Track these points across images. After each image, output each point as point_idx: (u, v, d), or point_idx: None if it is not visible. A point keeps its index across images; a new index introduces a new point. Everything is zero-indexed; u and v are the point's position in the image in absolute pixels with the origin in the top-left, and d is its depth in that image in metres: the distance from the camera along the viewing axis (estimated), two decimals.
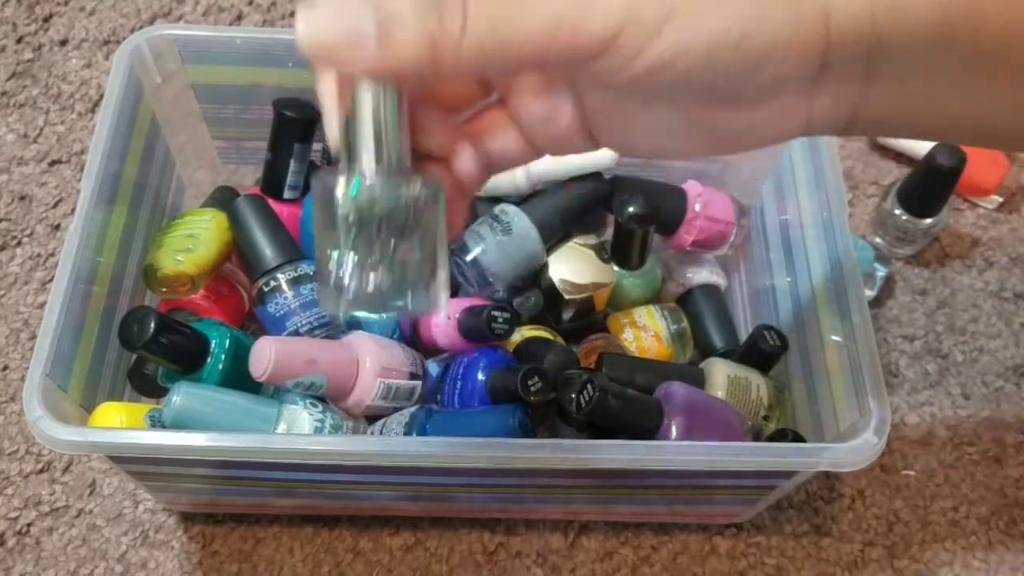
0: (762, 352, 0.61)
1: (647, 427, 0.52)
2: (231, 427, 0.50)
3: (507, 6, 0.30)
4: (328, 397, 0.55)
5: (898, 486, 0.66)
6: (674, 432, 0.53)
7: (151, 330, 0.51)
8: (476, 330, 0.56)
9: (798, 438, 0.57)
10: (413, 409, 0.56)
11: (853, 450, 0.49)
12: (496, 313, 0.55)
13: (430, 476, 0.55)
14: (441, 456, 0.49)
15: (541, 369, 0.53)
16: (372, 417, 0.57)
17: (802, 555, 0.63)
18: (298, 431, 0.51)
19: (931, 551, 0.64)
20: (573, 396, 0.51)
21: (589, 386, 0.51)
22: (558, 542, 0.63)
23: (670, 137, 0.35)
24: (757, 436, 0.56)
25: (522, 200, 0.63)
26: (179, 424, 0.49)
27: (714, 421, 0.55)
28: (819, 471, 0.54)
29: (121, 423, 0.51)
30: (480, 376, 0.55)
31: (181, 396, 0.49)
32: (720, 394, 0.58)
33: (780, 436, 0.57)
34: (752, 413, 0.59)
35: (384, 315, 0.33)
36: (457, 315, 0.57)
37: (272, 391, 0.56)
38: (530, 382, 0.52)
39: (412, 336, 0.61)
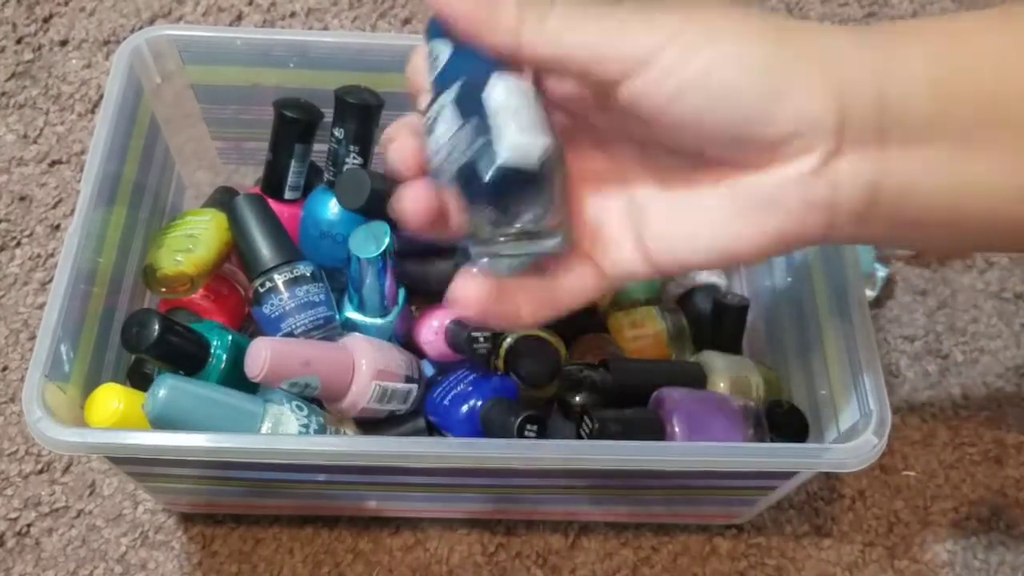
0: (728, 309, 0.63)
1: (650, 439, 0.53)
2: (214, 424, 0.50)
3: (575, 14, 0.35)
4: (323, 399, 0.55)
5: (898, 486, 0.66)
6: (678, 439, 0.53)
7: (154, 334, 0.51)
8: (458, 346, 0.57)
9: (795, 410, 0.57)
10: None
11: (853, 451, 0.49)
12: (477, 334, 0.56)
13: (430, 476, 0.55)
14: (441, 456, 0.49)
15: (540, 417, 0.52)
16: (365, 421, 0.57)
17: (802, 556, 0.63)
18: (284, 432, 0.51)
19: (932, 552, 0.64)
20: (573, 425, 0.54)
21: (587, 418, 0.52)
22: (558, 543, 0.63)
23: (710, 222, 0.38)
24: (758, 419, 0.56)
25: None
26: (163, 417, 0.49)
27: (714, 420, 0.55)
28: (819, 472, 0.54)
29: (117, 409, 0.51)
30: (465, 409, 0.56)
31: (166, 389, 0.49)
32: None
33: (775, 408, 0.57)
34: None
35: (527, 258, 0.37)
36: (446, 324, 0.58)
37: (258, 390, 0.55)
38: (527, 430, 0.52)
39: (405, 341, 0.61)
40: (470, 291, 0.37)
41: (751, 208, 0.37)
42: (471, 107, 0.35)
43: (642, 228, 0.39)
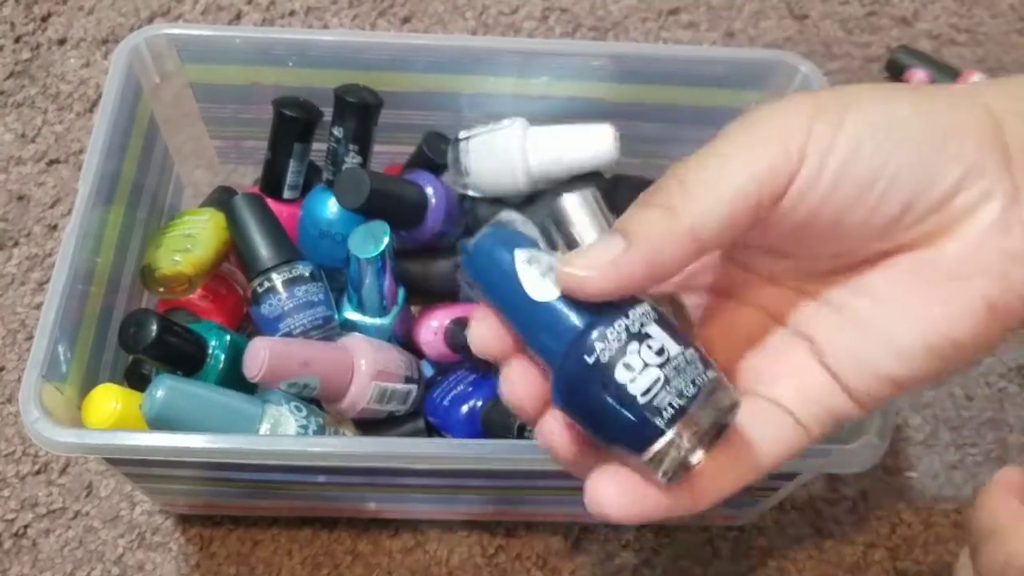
0: None
1: None
2: (213, 424, 0.49)
3: (706, 163, 0.30)
4: (322, 399, 0.54)
5: (901, 488, 0.66)
6: None
7: (152, 335, 0.51)
8: (458, 347, 0.57)
9: None
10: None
11: (856, 452, 0.49)
12: None
13: (429, 478, 0.55)
14: (440, 457, 0.48)
15: None
16: (364, 422, 0.57)
17: (804, 557, 0.63)
18: (282, 432, 0.51)
19: (934, 553, 0.63)
20: None
21: None
22: (558, 544, 0.62)
23: (903, 314, 0.31)
24: None
25: (522, 201, 0.63)
26: (160, 418, 0.48)
27: None
28: (821, 473, 0.54)
29: (115, 410, 0.50)
30: (465, 409, 0.56)
31: (164, 390, 0.49)
32: None
33: None
34: None
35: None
36: (446, 324, 0.58)
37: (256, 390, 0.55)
38: (527, 431, 0.52)
39: (404, 342, 0.60)
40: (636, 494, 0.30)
41: (942, 281, 0.30)
42: (675, 331, 0.29)
43: (823, 355, 0.32)
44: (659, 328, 0.29)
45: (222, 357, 0.54)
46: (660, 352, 0.28)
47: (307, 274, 0.56)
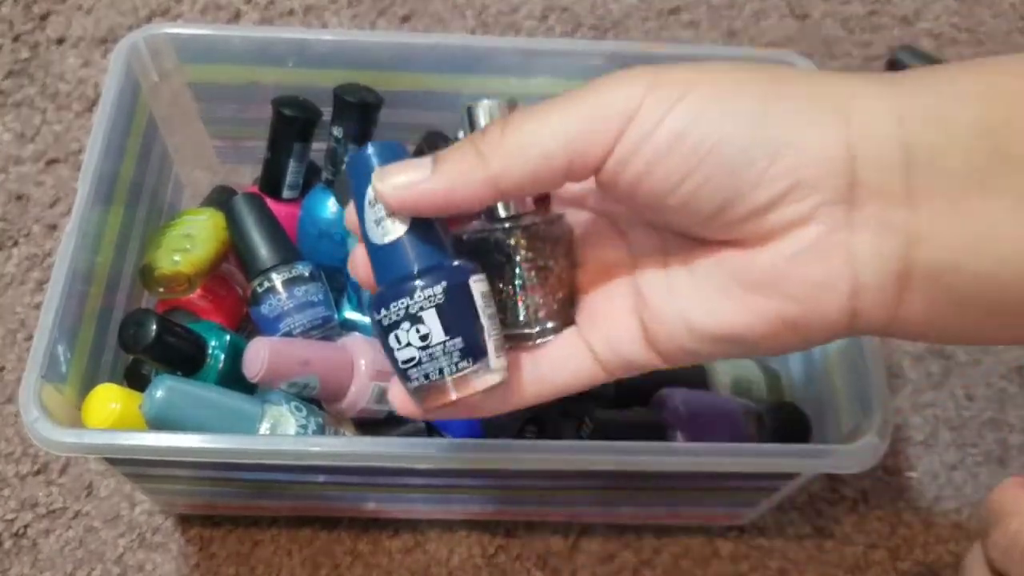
0: None
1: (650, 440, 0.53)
2: (212, 424, 0.49)
3: (527, 122, 0.31)
4: (322, 399, 0.54)
5: (901, 488, 0.66)
6: (679, 441, 0.53)
7: (151, 335, 0.51)
8: None
9: (797, 411, 0.57)
10: None
11: (856, 452, 0.49)
12: None
13: (429, 478, 0.55)
14: (440, 457, 0.48)
15: (540, 417, 0.52)
16: (364, 422, 0.57)
17: (804, 557, 0.63)
18: (282, 432, 0.51)
19: (934, 553, 0.63)
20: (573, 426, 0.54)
21: (587, 419, 0.52)
22: (558, 545, 0.62)
23: (703, 302, 0.32)
24: (759, 420, 0.56)
25: None
26: (160, 418, 0.48)
27: (716, 420, 0.55)
28: (822, 473, 0.53)
29: (114, 410, 0.50)
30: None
31: (163, 390, 0.49)
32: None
33: (777, 409, 0.57)
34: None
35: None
36: None
37: (256, 390, 0.55)
38: (527, 431, 0.52)
39: None
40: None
41: (743, 289, 0.31)
42: (454, 319, 0.33)
43: (642, 310, 0.34)
44: (435, 314, 0.32)
45: (222, 357, 0.54)
46: (424, 338, 0.33)
47: (307, 274, 0.56)
